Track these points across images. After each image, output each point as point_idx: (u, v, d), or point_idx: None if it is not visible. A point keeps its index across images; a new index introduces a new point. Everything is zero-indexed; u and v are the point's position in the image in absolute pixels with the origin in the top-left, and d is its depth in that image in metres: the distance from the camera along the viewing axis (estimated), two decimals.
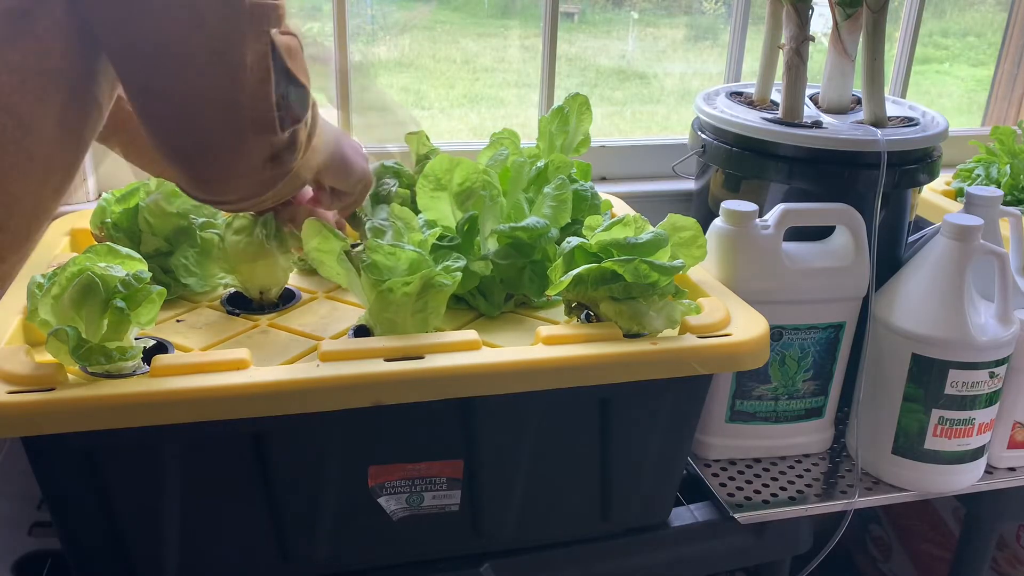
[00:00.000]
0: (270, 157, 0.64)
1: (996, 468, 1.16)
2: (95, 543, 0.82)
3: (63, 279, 0.76)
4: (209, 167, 0.64)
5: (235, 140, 0.62)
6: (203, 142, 0.62)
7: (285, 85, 0.62)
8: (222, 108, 0.61)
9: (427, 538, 0.92)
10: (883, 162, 1.08)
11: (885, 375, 1.09)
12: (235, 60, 0.59)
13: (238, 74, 0.60)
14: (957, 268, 1.04)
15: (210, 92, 0.60)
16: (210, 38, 0.59)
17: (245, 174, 0.65)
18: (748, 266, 1.05)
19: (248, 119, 0.61)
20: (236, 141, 0.62)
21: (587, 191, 1.06)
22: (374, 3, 3.07)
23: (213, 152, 0.63)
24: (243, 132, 0.62)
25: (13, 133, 0.59)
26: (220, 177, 0.65)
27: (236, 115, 0.61)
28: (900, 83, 1.66)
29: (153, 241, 0.99)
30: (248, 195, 0.69)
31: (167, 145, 0.64)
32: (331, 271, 0.93)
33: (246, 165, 0.64)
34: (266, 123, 0.62)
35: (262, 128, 0.62)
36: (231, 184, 0.66)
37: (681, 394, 0.92)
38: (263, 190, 0.68)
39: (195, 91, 0.60)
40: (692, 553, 1.05)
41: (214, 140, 0.62)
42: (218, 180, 0.66)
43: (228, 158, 0.63)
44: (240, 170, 0.64)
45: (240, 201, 0.71)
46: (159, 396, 0.74)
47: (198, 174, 0.66)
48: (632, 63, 3.52)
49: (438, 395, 0.82)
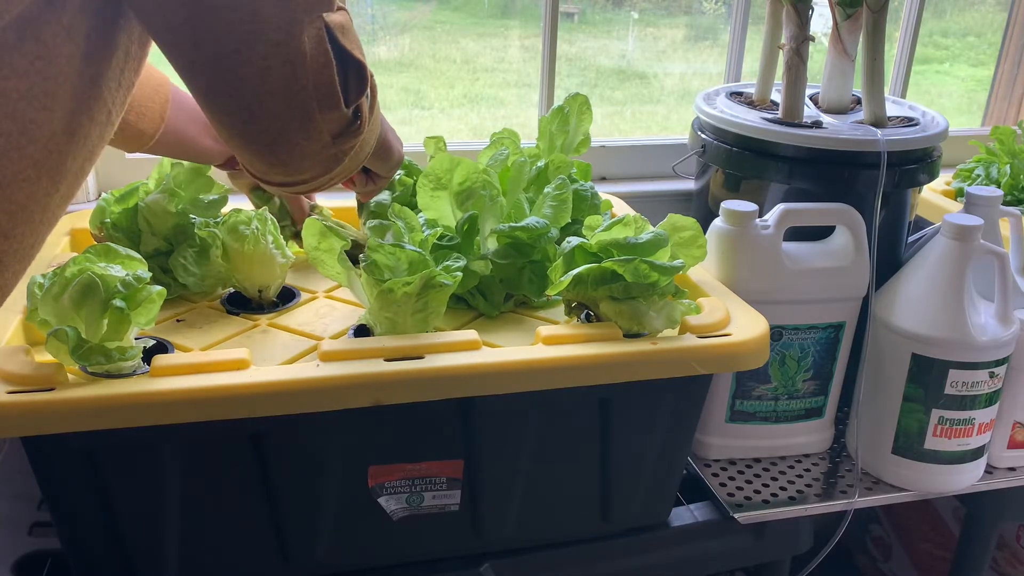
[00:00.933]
0: (338, 133, 0.66)
1: (996, 468, 1.16)
2: (95, 543, 0.82)
3: (63, 279, 0.76)
4: (281, 152, 0.66)
5: (304, 124, 0.64)
6: (273, 130, 0.64)
7: (344, 63, 0.63)
8: (288, 97, 0.62)
9: (427, 538, 0.92)
10: (883, 162, 1.08)
11: (885, 375, 1.09)
12: (295, 50, 0.60)
13: (299, 63, 0.60)
14: (957, 268, 1.04)
15: (274, 84, 0.61)
16: (268, 30, 0.59)
17: (314, 153, 0.66)
18: (748, 266, 1.05)
19: (314, 103, 0.63)
20: (305, 124, 0.64)
21: (587, 191, 1.06)
22: (374, 3, 3.07)
23: (284, 137, 0.64)
24: (311, 115, 0.63)
25: (18, 140, 0.58)
26: (292, 160, 0.67)
27: (302, 101, 0.62)
28: (900, 83, 1.66)
29: (153, 241, 0.99)
30: (319, 173, 0.70)
31: (239, 138, 0.65)
32: (331, 271, 0.93)
33: (316, 145, 0.65)
34: (331, 103, 0.63)
35: (328, 108, 0.63)
36: (303, 164, 0.67)
37: (681, 394, 0.92)
38: (333, 165, 0.69)
39: (260, 86, 0.61)
40: (692, 553, 1.05)
41: (284, 127, 0.64)
42: (290, 163, 0.67)
43: (298, 141, 0.65)
44: (310, 150, 0.66)
45: (311, 180, 0.71)
46: (159, 396, 0.74)
47: (271, 160, 0.67)
48: (632, 63, 3.52)
49: (438, 395, 0.82)
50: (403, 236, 0.90)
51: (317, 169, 0.69)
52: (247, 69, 0.60)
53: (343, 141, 0.67)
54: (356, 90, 0.65)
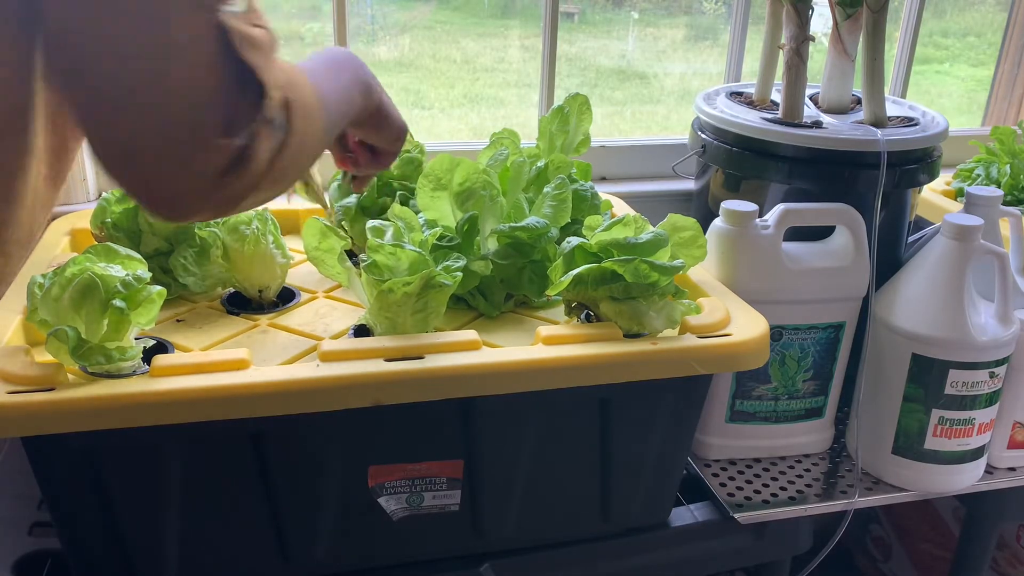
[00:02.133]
0: (225, 169, 0.53)
1: (996, 468, 1.16)
2: (95, 543, 0.82)
3: (63, 279, 0.76)
4: (152, 180, 0.54)
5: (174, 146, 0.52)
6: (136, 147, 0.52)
7: (238, 79, 0.52)
8: (152, 101, 0.51)
9: (427, 538, 0.92)
10: (883, 162, 1.08)
11: (885, 375, 1.09)
12: (160, 40, 0.50)
13: (167, 58, 0.50)
14: (957, 268, 1.04)
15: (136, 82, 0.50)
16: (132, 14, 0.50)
17: (198, 190, 0.54)
18: (748, 266, 1.05)
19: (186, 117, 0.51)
20: (176, 147, 0.52)
21: (587, 191, 1.06)
22: (374, 3, 3.08)
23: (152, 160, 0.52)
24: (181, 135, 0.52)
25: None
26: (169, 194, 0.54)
27: (170, 111, 0.51)
28: (900, 83, 1.66)
29: (153, 241, 0.99)
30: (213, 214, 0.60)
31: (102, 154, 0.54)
32: (331, 271, 0.93)
33: (196, 178, 0.53)
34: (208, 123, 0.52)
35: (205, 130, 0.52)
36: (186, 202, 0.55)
37: (681, 394, 0.92)
38: (229, 206, 0.57)
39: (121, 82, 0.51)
40: (692, 553, 1.05)
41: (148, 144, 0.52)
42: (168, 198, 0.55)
43: (170, 169, 0.53)
44: (190, 185, 0.54)
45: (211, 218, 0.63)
46: (159, 396, 0.74)
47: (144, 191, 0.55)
48: (632, 63, 3.52)
49: (438, 395, 0.82)
50: (403, 236, 0.90)
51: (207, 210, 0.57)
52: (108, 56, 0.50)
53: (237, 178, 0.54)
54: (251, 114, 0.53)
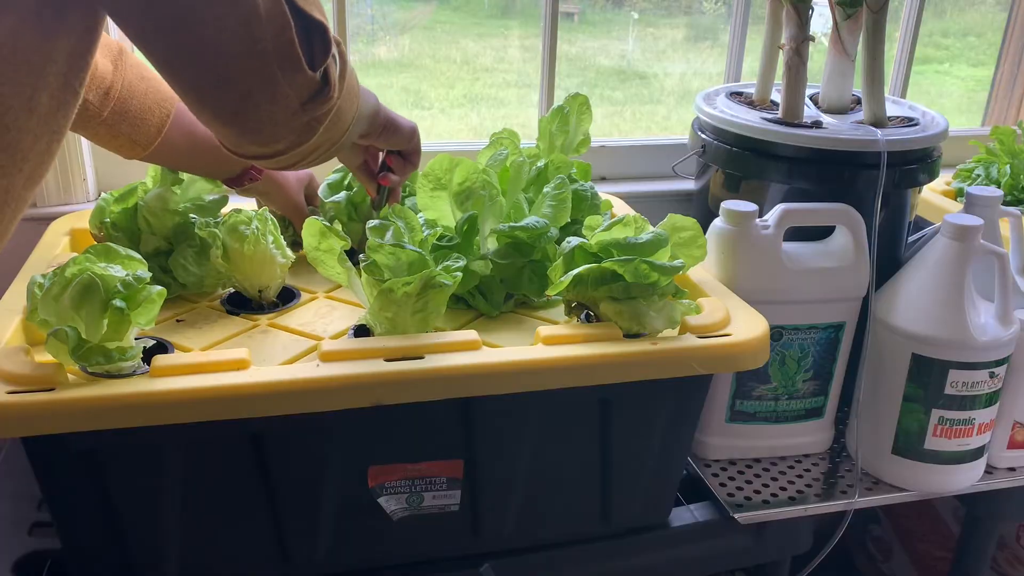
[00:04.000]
0: (307, 98, 0.65)
1: (996, 468, 1.16)
2: (95, 543, 0.82)
3: (63, 279, 0.75)
4: (249, 119, 0.65)
5: (269, 88, 0.63)
6: (237, 96, 0.63)
7: (303, 25, 0.63)
8: (248, 59, 0.61)
9: (427, 538, 0.92)
10: (883, 162, 1.08)
11: (885, 375, 1.09)
12: (247, 10, 0.59)
13: (254, 23, 0.60)
14: (957, 268, 1.04)
15: (232, 46, 0.60)
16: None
17: (285, 120, 0.66)
18: (748, 266, 1.05)
19: (276, 65, 0.62)
20: (270, 88, 0.63)
21: (587, 191, 1.06)
22: (374, 3, 3.08)
23: (251, 103, 0.64)
24: (275, 79, 0.63)
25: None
26: (262, 127, 0.66)
27: (262, 63, 0.62)
28: (900, 83, 1.66)
29: (152, 240, 0.99)
30: (293, 143, 0.69)
31: (207, 109, 0.65)
32: (331, 271, 0.93)
33: (284, 110, 0.65)
34: (294, 65, 0.63)
35: (292, 70, 0.63)
36: (276, 132, 0.67)
37: (681, 394, 0.92)
38: (307, 134, 0.68)
39: (218, 49, 0.60)
40: (692, 553, 1.05)
41: (247, 91, 0.63)
42: (261, 130, 0.66)
43: (266, 107, 0.64)
44: (279, 116, 0.65)
45: (287, 152, 0.71)
46: (159, 396, 0.74)
47: (240, 128, 0.66)
48: (632, 63, 3.52)
49: (438, 395, 0.82)
50: (403, 236, 0.90)
51: (290, 138, 0.68)
52: (203, 31, 0.60)
53: (313, 107, 0.66)
54: (320, 53, 0.65)
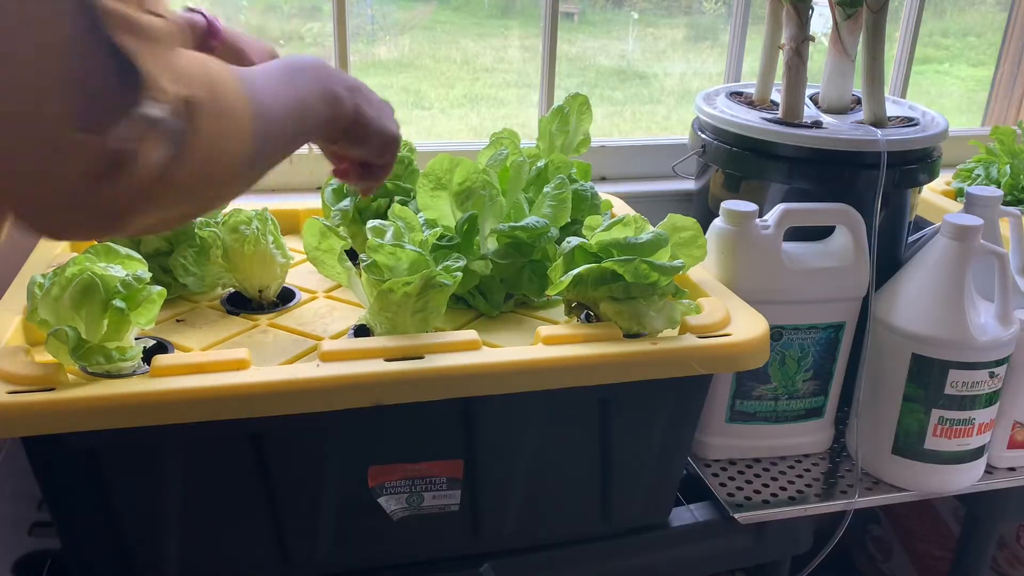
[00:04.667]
0: (97, 174, 0.44)
1: (996, 468, 1.16)
2: (95, 543, 0.82)
3: (63, 279, 0.76)
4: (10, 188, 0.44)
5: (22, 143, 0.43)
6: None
7: (108, 67, 0.43)
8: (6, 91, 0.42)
9: (427, 538, 0.92)
10: (883, 162, 1.08)
11: (885, 375, 1.09)
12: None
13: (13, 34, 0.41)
14: (957, 268, 1.04)
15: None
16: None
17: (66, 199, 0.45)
18: (748, 266, 1.05)
19: (28, 107, 0.42)
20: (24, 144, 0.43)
21: (587, 191, 1.06)
22: (374, 3, 3.07)
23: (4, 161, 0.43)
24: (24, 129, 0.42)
25: None
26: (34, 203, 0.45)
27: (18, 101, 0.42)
28: (900, 83, 1.66)
29: (153, 241, 0.99)
30: (96, 230, 0.50)
31: None
32: (331, 271, 0.93)
33: (60, 184, 0.44)
34: (56, 115, 0.42)
35: (51, 122, 0.42)
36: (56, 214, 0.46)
37: (681, 394, 0.92)
38: (114, 221, 0.47)
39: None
40: (692, 553, 1.05)
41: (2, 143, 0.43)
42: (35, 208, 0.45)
43: (27, 172, 0.43)
44: (56, 193, 0.44)
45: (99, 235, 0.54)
46: (159, 396, 0.74)
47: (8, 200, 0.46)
48: (632, 63, 3.52)
49: (438, 395, 0.82)
50: (403, 236, 0.90)
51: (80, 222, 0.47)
52: None
53: (113, 182, 0.44)
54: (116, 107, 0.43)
